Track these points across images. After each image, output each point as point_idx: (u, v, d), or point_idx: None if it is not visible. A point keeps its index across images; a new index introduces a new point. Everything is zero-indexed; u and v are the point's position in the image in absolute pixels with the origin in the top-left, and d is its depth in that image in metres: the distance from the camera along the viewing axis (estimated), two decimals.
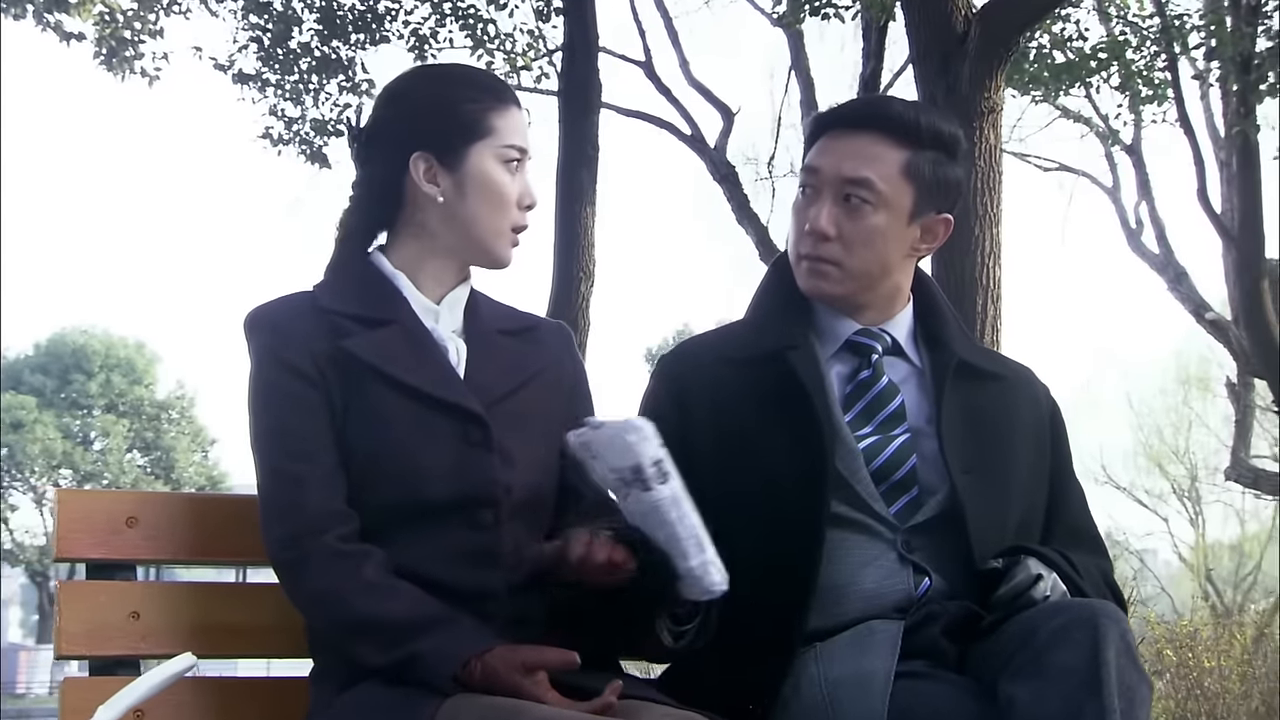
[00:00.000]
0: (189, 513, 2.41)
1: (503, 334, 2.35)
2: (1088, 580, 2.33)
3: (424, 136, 2.27)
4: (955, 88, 6.98)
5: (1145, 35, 14.10)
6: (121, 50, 13.15)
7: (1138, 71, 14.30)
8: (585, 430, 2.12)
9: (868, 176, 2.37)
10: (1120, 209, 19.54)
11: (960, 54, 7.00)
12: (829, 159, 2.41)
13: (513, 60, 13.64)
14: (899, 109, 2.43)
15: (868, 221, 2.39)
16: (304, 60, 13.15)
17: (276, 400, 2.20)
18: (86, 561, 2.34)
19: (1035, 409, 2.52)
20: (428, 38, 13.29)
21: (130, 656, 2.32)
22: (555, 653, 2.06)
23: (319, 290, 2.30)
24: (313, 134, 13.23)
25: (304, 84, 13.16)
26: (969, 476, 2.33)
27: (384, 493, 2.18)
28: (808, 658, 2.22)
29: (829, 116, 2.49)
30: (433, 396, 2.21)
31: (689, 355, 2.52)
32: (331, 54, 13.13)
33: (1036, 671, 2.03)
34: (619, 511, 2.17)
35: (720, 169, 15.01)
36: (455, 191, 2.26)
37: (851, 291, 2.43)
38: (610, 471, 2.11)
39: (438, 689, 2.03)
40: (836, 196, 2.39)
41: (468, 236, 2.28)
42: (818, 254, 2.40)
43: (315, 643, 2.27)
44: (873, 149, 2.39)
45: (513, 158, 2.29)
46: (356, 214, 2.34)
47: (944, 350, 2.47)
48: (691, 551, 2.09)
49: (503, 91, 2.33)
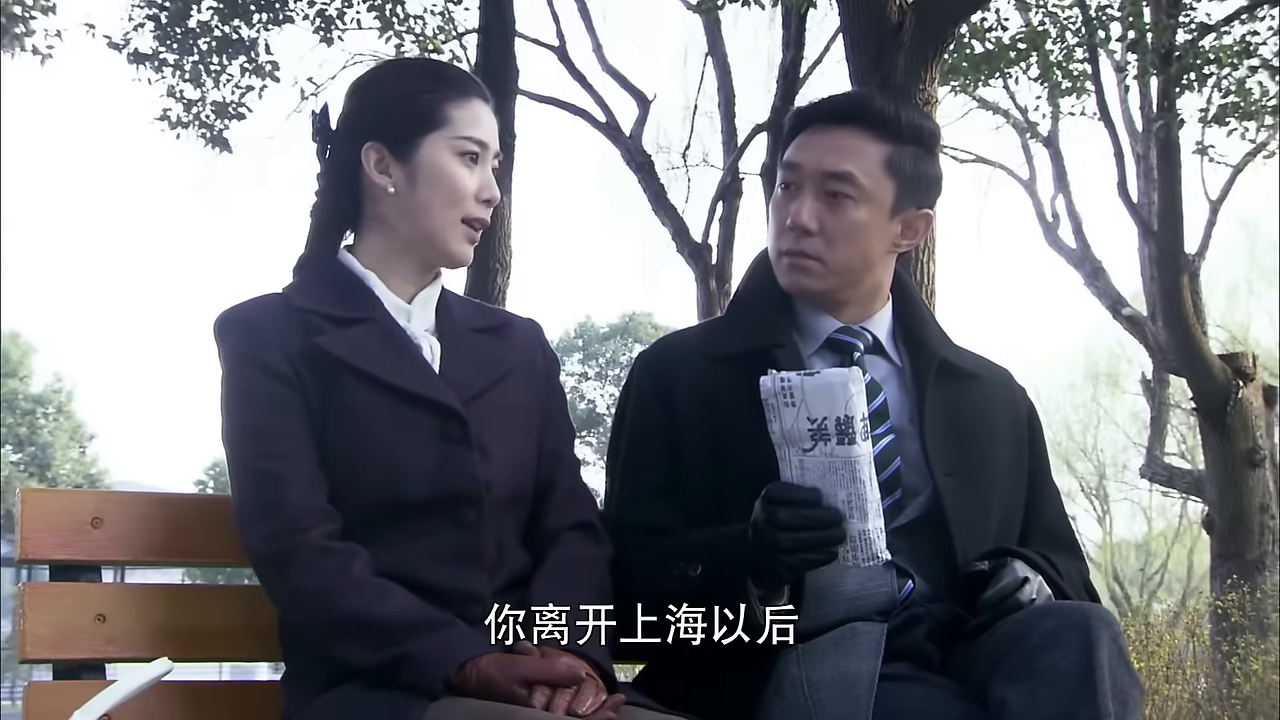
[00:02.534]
0: (156, 513, 2.42)
1: (476, 331, 2.39)
2: (1069, 584, 2.39)
3: (378, 126, 2.31)
4: (890, 79, 7.06)
5: (1065, 26, 14.27)
6: (11, 27, 12.92)
7: (1057, 62, 14.48)
8: (790, 375, 2.13)
9: (849, 170, 2.42)
10: (1037, 202, 19.76)
11: (895, 45, 7.08)
12: (810, 154, 2.45)
13: (423, 43, 13.56)
14: (880, 104, 2.48)
15: (850, 216, 2.43)
16: (203, 40, 12.98)
17: (252, 401, 2.22)
18: (50, 563, 2.35)
19: (1014, 410, 2.59)
20: (334, 19, 13.17)
21: (96, 660, 2.33)
22: (562, 665, 2.07)
23: (290, 290, 2.33)
24: (213, 117, 13.07)
25: (204, 65, 12.99)
26: (951, 479, 2.38)
27: (364, 492, 2.20)
28: (790, 659, 2.25)
29: (809, 111, 2.53)
30: (410, 393, 2.24)
31: (672, 351, 2.56)
32: (233, 34, 12.96)
33: (1029, 674, 2.08)
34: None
35: (636, 157, 15.05)
36: (406, 182, 2.30)
37: (833, 287, 2.48)
38: (807, 421, 2.12)
39: (425, 692, 2.04)
40: (818, 191, 2.44)
41: (419, 229, 2.32)
42: (800, 249, 2.44)
43: (289, 644, 2.28)
44: (854, 143, 2.44)
45: (469, 149, 2.32)
46: (321, 207, 2.38)
47: (923, 349, 2.52)
48: (872, 514, 2.13)
49: (465, 84, 2.36)
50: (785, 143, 2.55)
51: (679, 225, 15.10)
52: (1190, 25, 12.40)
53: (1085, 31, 13.55)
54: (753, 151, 16.08)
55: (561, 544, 2.34)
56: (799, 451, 2.15)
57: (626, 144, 15.02)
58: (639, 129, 15.35)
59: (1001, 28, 13.74)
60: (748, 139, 15.60)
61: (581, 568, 2.30)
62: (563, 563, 2.30)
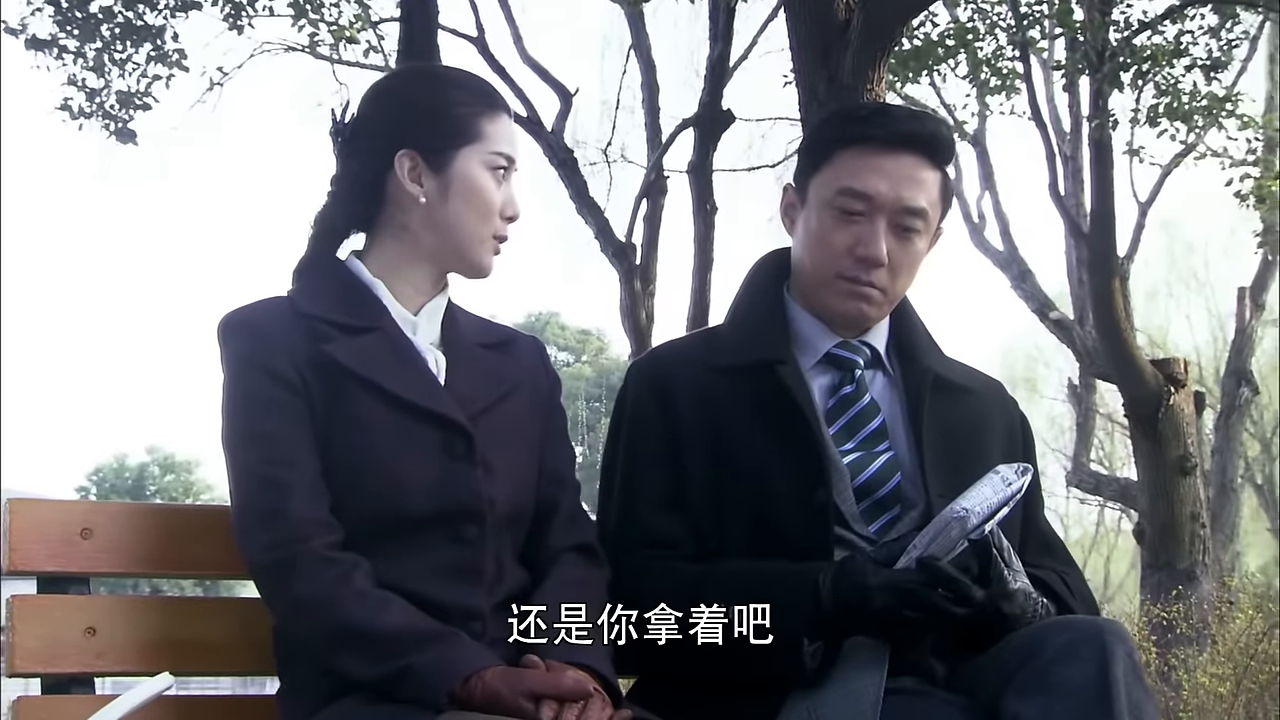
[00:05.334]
0: (146, 524, 2.44)
1: (481, 347, 2.43)
2: (1079, 600, 2.47)
3: (411, 135, 2.34)
4: (837, 78, 7.12)
5: (995, 23, 14.38)
6: None
7: (986, 60, 14.59)
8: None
9: (924, 207, 2.49)
10: (963, 203, 19.90)
11: (842, 44, 7.14)
12: (885, 185, 2.47)
13: (337, 32, 13.49)
14: (940, 130, 2.55)
15: (915, 248, 2.51)
16: (106, 26, 12.79)
17: (257, 406, 2.24)
18: (39, 575, 2.36)
19: (1008, 423, 2.65)
20: (245, 5, 13.03)
21: (85, 674, 2.34)
22: (569, 679, 2.10)
23: (296, 295, 2.35)
24: (118, 107, 12.89)
25: (108, 52, 12.81)
26: (944, 500, 2.40)
27: (365, 504, 2.23)
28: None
29: (874, 130, 2.52)
30: (416, 405, 2.27)
31: (671, 360, 2.59)
32: (137, 20, 12.78)
33: (1043, 688, 2.11)
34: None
35: (558, 153, 14.99)
36: (439, 194, 2.33)
37: (885, 315, 2.57)
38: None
39: (429, 705, 2.06)
40: (891, 224, 2.48)
41: (448, 241, 2.35)
42: (869, 280, 2.49)
43: (286, 657, 2.30)
44: (921, 173, 2.50)
45: (500, 165, 2.36)
46: (335, 210, 2.41)
47: (915, 362, 2.58)
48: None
49: (495, 98, 2.41)
50: (819, 152, 2.56)
51: (602, 223, 15.11)
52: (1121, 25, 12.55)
53: (1016, 29, 13.66)
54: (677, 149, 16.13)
55: (562, 563, 2.37)
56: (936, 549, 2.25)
57: (548, 139, 14.97)
58: (560, 124, 15.31)
59: (931, 24, 13.84)
60: (673, 135, 15.63)
61: (583, 586, 2.33)
62: (565, 580, 2.34)
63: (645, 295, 15.11)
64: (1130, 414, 13.74)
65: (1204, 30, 13.12)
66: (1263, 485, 30.15)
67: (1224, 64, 13.42)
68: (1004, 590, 2.26)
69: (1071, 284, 18.76)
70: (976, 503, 2.21)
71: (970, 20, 14.23)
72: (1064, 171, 16.75)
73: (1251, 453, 26.78)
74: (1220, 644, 8.84)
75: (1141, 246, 17.93)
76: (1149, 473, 13.44)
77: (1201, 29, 13.09)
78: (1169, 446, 13.11)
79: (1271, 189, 13.47)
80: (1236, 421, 20.46)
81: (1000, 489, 2.24)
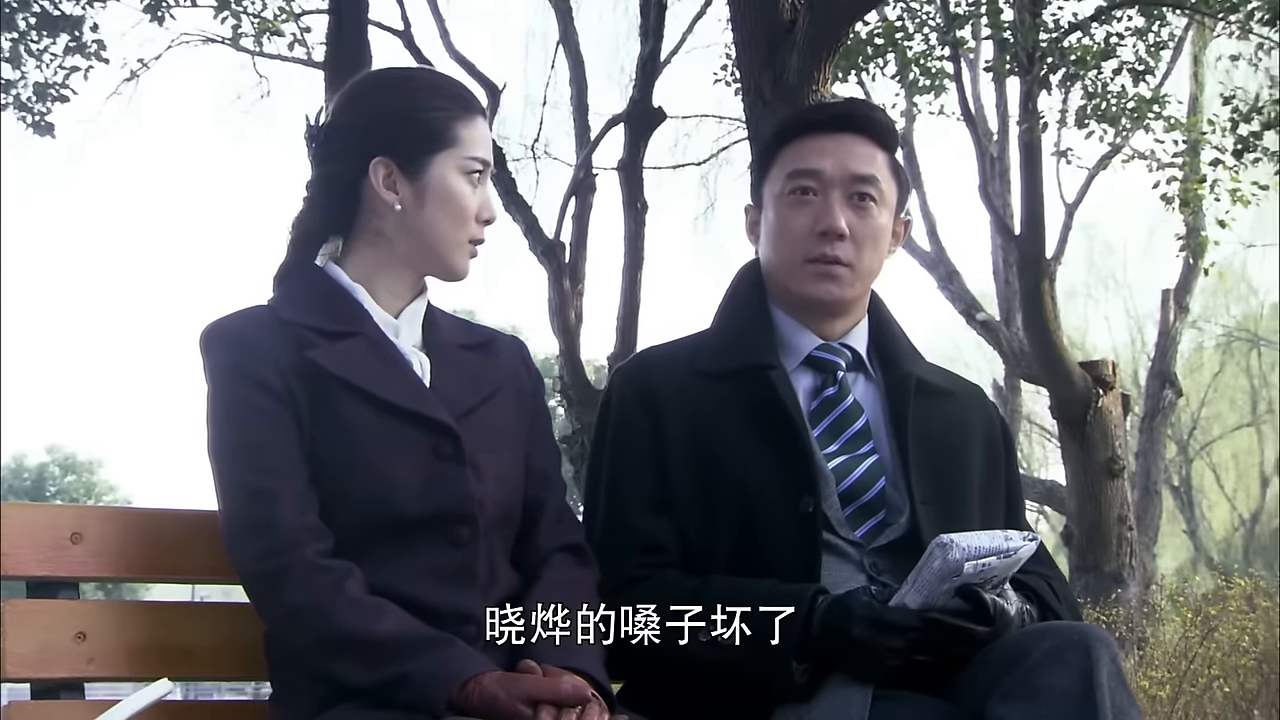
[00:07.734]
0: (137, 528, 2.45)
1: (463, 348, 2.46)
2: (1066, 606, 2.54)
3: (386, 142, 2.36)
4: (782, 78, 7.15)
5: (924, 22, 14.48)
6: None
7: (915, 59, 14.69)
8: (991, 561, 2.28)
9: (874, 174, 2.57)
10: None
11: (788, 43, 7.18)
12: (831, 160, 2.57)
13: (260, 25, 13.41)
14: (875, 112, 2.65)
15: (876, 220, 2.58)
16: (22, 16, 12.65)
17: (243, 416, 2.26)
18: (29, 579, 2.37)
19: (989, 427, 2.70)
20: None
21: (75, 679, 2.35)
22: (567, 684, 2.12)
23: (277, 302, 2.37)
24: (35, 99, 12.75)
25: (24, 43, 12.66)
26: (927, 507, 2.48)
27: (355, 509, 2.25)
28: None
29: (803, 120, 2.65)
30: (403, 409, 2.30)
31: (656, 365, 2.63)
32: (55, 9, 12.66)
33: (1029, 693, 2.16)
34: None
35: None
36: (414, 200, 2.36)
37: (858, 295, 2.61)
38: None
39: (426, 711, 2.08)
40: (845, 196, 2.56)
41: (424, 246, 2.38)
42: (835, 255, 2.54)
43: (277, 663, 2.32)
44: (866, 149, 2.59)
45: (475, 169, 2.39)
46: (311, 215, 2.43)
47: (896, 366, 2.63)
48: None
49: (469, 101, 2.44)
50: (768, 158, 2.65)
51: (530, 221, 15.09)
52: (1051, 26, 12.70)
53: (946, 29, 13.77)
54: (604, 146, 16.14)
55: (553, 565, 2.40)
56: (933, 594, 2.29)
57: None
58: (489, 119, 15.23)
59: (860, 23, 13.89)
60: (603, 132, 15.64)
61: (574, 588, 2.36)
62: (557, 582, 2.37)
63: (574, 294, 15.11)
64: (1058, 416, 13.85)
65: (1131, 32, 13.32)
66: (1179, 487, 30.65)
67: (1151, 67, 13.65)
68: (1005, 623, 2.32)
69: (998, 285, 18.94)
70: (966, 540, 2.25)
71: (899, 19, 14.31)
72: (992, 171, 16.92)
73: (1169, 454, 27.14)
74: (1153, 647, 8.93)
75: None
76: (1077, 475, 13.52)
77: (1129, 30, 13.30)
78: (1097, 449, 13.22)
79: (1198, 192, 13.70)
80: (1160, 424, 20.76)
81: (999, 540, 2.28)
